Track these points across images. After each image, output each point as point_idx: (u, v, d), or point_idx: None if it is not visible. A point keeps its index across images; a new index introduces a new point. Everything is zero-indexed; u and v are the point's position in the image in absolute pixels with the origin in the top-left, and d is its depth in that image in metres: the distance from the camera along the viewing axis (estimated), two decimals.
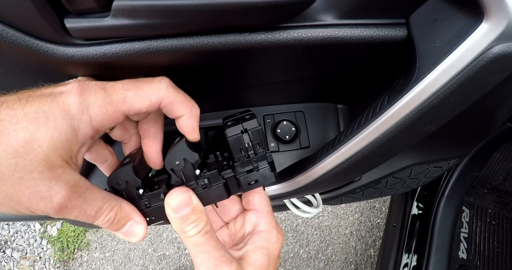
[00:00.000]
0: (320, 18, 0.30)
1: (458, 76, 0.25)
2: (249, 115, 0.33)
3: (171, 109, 0.29)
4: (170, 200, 0.29)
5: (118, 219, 0.28)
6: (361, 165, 0.37)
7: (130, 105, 0.26)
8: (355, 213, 1.63)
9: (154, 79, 0.28)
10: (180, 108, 0.29)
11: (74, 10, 0.25)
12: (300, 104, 0.52)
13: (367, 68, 0.39)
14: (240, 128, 0.31)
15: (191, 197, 0.30)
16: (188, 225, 0.29)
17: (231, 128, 0.31)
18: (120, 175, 0.30)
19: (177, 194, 0.29)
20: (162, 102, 0.28)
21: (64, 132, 0.23)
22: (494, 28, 0.23)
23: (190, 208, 0.29)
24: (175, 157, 0.30)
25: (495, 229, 1.03)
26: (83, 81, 0.26)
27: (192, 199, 0.30)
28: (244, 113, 0.34)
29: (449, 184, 1.01)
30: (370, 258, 1.55)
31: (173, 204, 0.29)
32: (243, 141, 0.31)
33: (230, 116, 0.34)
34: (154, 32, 0.27)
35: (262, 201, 0.36)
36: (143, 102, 0.27)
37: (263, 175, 0.32)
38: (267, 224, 0.35)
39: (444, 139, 0.53)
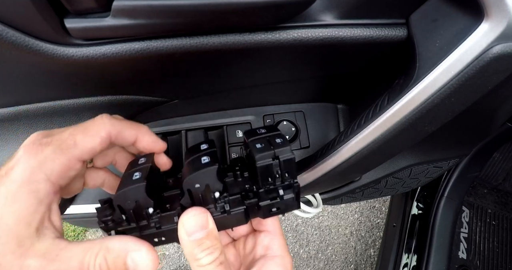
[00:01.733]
0: (320, 18, 0.30)
1: (458, 76, 0.25)
2: (281, 139, 0.30)
3: (122, 137, 0.29)
4: (185, 220, 0.27)
5: (112, 262, 0.25)
6: (361, 165, 0.37)
7: (83, 148, 0.26)
8: (355, 213, 1.63)
9: (96, 118, 0.28)
10: (130, 132, 0.30)
11: (74, 10, 0.25)
12: (300, 104, 0.52)
13: (367, 68, 0.39)
14: (272, 155, 0.28)
15: (208, 219, 0.27)
16: (201, 252, 0.26)
17: (262, 155, 0.28)
18: (130, 194, 0.27)
19: (193, 213, 0.27)
20: (112, 134, 0.28)
21: (25, 201, 0.23)
22: (494, 28, 0.23)
23: (205, 232, 0.27)
24: (197, 180, 0.28)
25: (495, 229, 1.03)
26: (28, 145, 0.25)
27: (209, 222, 0.27)
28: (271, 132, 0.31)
29: (449, 184, 1.01)
30: (370, 258, 1.55)
31: (188, 225, 0.26)
32: (273, 170, 0.28)
33: (254, 133, 0.31)
34: (154, 32, 0.27)
35: (275, 223, 0.34)
36: (94, 141, 0.27)
37: (286, 204, 0.30)
38: (281, 247, 0.32)
39: (444, 139, 0.53)
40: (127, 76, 0.34)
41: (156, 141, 0.31)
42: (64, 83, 0.34)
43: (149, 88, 0.38)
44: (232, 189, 0.30)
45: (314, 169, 0.40)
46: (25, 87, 0.34)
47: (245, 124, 0.51)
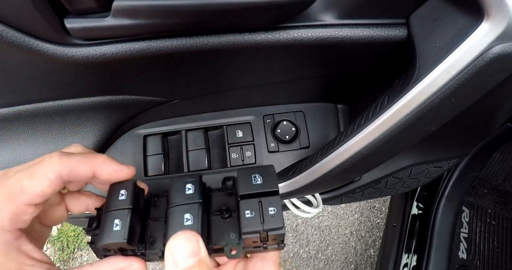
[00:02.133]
0: (320, 18, 0.30)
1: (458, 76, 0.25)
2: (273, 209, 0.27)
3: (76, 174, 0.26)
4: (172, 245, 0.24)
5: None
6: (361, 165, 0.37)
7: (30, 193, 0.24)
8: (355, 213, 1.63)
9: (44, 158, 0.26)
10: (83, 167, 0.27)
11: (74, 10, 0.25)
12: (300, 104, 0.52)
13: (367, 68, 0.39)
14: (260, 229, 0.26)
15: (199, 245, 0.24)
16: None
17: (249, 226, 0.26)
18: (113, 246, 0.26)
19: (182, 237, 0.24)
20: (63, 174, 0.26)
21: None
22: (494, 28, 0.23)
23: (197, 260, 0.23)
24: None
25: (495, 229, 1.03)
26: None
27: (201, 249, 0.24)
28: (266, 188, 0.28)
29: (449, 184, 1.01)
30: (370, 258, 1.55)
31: (176, 252, 0.23)
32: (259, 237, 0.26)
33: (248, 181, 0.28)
34: (154, 32, 0.27)
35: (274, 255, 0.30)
36: (42, 184, 0.25)
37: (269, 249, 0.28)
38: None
39: (444, 139, 0.53)
40: (127, 76, 0.34)
41: (118, 169, 0.28)
42: (64, 83, 0.34)
43: (149, 88, 0.38)
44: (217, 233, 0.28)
45: (314, 169, 0.40)
46: (25, 87, 0.34)
47: (245, 124, 0.51)
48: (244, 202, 0.27)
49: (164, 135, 0.49)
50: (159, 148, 0.48)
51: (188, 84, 0.39)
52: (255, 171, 0.29)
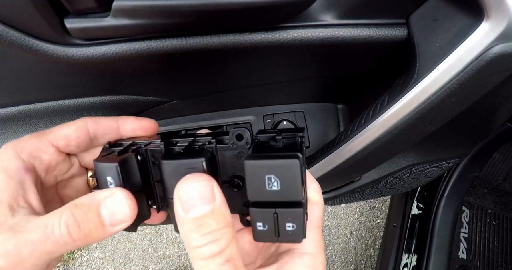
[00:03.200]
0: (320, 18, 0.30)
1: (458, 76, 0.25)
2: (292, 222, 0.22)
3: (101, 125, 0.29)
4: (181, 188, 0.20)
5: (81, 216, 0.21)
6: (361, 165, 0.37)
7: (56, 133, 0.27)
8: (355, 213, 1.63)
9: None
10: (109, 120, 0.29)
11: (74, 10, 0.25)
12: (300, 104, 0.52)
13: (367, 68, 0.39)
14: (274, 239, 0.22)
15: (214, 190, 0.20)
16: (201, 236, 0.19)
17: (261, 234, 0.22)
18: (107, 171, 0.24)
19: (193, 180, 0.20)
20: (89, 123, 0.28)
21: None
22: (494, 28, 0.23)
23: (209, 207, 0.19)
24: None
25: (495, 229, 1.03)
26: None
27: (216, 194, 0.20)
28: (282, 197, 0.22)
29: (449, 184, 1.01)
30: (370, 258, 1.55)
31: (185, 198, 0.19)
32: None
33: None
34: (154, 32, 0.27)
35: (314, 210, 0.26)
36: (69, 128, 0.27)
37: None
38: (314, 242, 0.25)
39: (444, 139, 0.53)
40: (127, 76, 0.34)
41: (139, 119, 0.30)
42: (64, 83, 0.34)
43: (149, 88, 0.38)
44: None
45: (314, 169, 0.40)
46: (25, 87, 0.34)
47: (245, 124, 0.51)
48: (256, 211, 0.22)
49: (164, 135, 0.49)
50: None
51: (188, 84, 0.39)
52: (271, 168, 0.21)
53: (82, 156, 0.31)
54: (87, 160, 0.31)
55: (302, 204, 0.21)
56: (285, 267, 0.23)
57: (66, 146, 0.28)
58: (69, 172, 0.30)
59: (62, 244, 0.21)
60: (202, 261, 0.19)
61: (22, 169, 0.25)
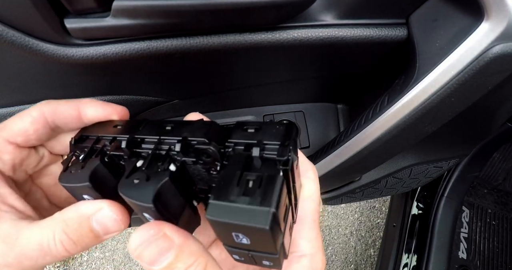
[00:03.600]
0: (320, 18, 0.30)
1: (458, 76, 0.25)
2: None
3: (60, 113, 0.25)
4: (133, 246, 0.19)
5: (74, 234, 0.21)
6: (361, 165, 0.37)
7: (11, 128, 0.24)
8: (355, 213, 1.63)
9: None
10: (68, 106, 0.25)
11: (74, 10, 0.25)
12: (300, 104, 0.52)
13: (367, 68, 0.39)
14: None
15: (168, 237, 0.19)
16: None
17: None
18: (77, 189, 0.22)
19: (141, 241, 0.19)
20: (46, 112, 0.25)
21: None
22: (494, 28, 0.23)
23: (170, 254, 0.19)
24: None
25: (495, 229, 1.03)
26: None
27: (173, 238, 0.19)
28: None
29: (449, 184, 1.01)
30: (370, 258, 1.55)
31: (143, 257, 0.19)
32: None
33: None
34: (154, 32, 0.27)
35: (308, 203, 0.24)
36: (23, 120, 0.25)
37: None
38: (311, 242, 0.23)
39: (444, 139, 0.53)
40: (127, 76, 0.34)
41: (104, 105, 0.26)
42: (64, 83, 0.34)
43: (149, 88, 0.38)
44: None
45: None
46: (25, 87, 0.34)
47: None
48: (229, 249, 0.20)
49: None
50: None
51: (188, 84, 0.39)
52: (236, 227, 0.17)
53: (50, 145, 0.28)
54: (58, 149, 0.28)
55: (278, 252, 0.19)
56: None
57: (26, 141, 0.25)
58: (41, 163, 0.28)
59: (60, 257, 0.22)
60: None
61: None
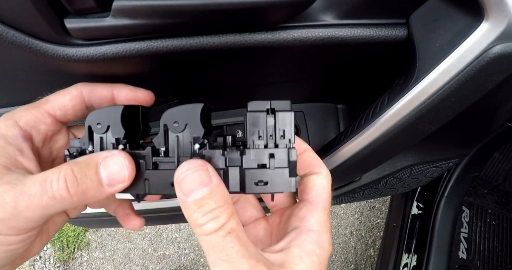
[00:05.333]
0: (320, 18, 0.30)
1: (458, 76, 0.25)
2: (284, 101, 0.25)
3: (96, 93, 0.28)
4: (179, 175, 0.22)
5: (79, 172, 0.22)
6: (361, 165, 0.37)
7: (53, 103, 0.27)
8: (355, 213, 1.63)
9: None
10: (104, 87, 0.28)
11: (74, 10, 0.25)
12: (300, 104, 0.52)
13: (367, 68, 0.39)
14: (267, 106, 0.24)
15: (209, 174, 0.22)
16: (202, 216, 0.21)
17: (256, 102, 0.24)
18: (104, 115, 0.24)
19: (188, 167, 0.22)
20: (84, 91, 0.28)
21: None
22: (494, 28, 0.23)
23: (207, 190, 0.22)
24: (178, 116, 0.24)
25: (495, 229, 1.03)
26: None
27: (212, 178, 0.22)
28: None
29: (449, 184, 1.01)
30: (370, 258, 1.55)
31: (183, 182, 0.22)
32: (265, 121, 0.24)
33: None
34: (154, 32, 0.27)
35: (322, 194, 0.28)
36: (64, 96, 0.27)
37: (277, 178, 0.24)
38: (319, 222, 0.26)
39: (444, 139, 0.53)
40: (127, 76, 0.34)
41: (134, 89, 0.29)
42: (64, 83, 0.34)
43: (149, 88, 0.38)
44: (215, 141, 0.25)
45: None
46: (25, 87, 0.34)
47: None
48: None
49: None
50: None
51: (188, 84, 0.39)
52: None
53: (77, 133, 0.31)
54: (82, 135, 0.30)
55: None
56: (293, 242, 0.25)
57: (64, 115, 0.28)
58: (66, 146, 0.30)
59: (59, 199, 0.22)
60: (206, 236, 0.22)
61: (20, 136, 0.25)
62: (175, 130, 0.24)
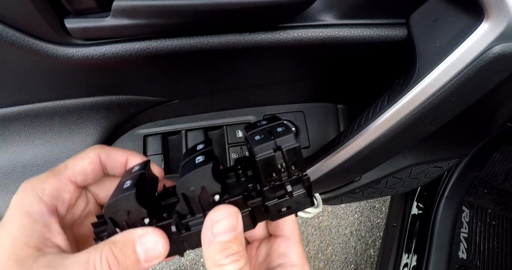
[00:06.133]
0: (320, 18, 0.30)
1: (458, 76, 0.25)
2: (282, 127, 0.26)
3: (113, 158, 0.29)
4: (214, 217, 0.24)
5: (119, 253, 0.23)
6: (361, 165, 0.37)
7: (73, 169, 0.27)
8: (355, 213, 1.63)
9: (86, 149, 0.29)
10: (120, 153, 0.29)
11: (74, 10, 0.25)
12: (300, 104, 0.52)
13: (367, 68, 0.39)
14: (273, 146, 0.25)
15: (238, 221, 0.24)
16: (226, 257, 0.23)
17: (261, 146, 0.25)
18: (120, 204, 0.25)
19: (226, 212, 0.24)
20: (101, 155, 0.28)
21: (18, 222, 0.23)
22: (494, 28, 0.23)
23: (233, 234, 0.24)
24: (192, 182, 0.25)
25: (495, 229, 1.03)
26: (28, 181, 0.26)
27: (239, 224, 0.24)
28: (272, 122, 0.27)
29: (449, 184, 1.01)
30: (370, 258, 1.55)
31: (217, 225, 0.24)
32: (276, 162, 0.25)
33: (254, 126, 0.28)
34: (154, 32, 0.27)
35: (293, 227, 0.31)
36: (83, 161, 0.27)
37: (297, 201, 0.26)
38: (299, 255, 0.30)
39: (444, 139, 0.53)
40: (127, 76, 0.34)
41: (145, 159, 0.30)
42: (64, 83, 0.34)
43: (149, 88, 0.38)
44: (233, 190, 0.27)
45: (314, 169, 0.40)
46: (25, 87, 0.34)
47: (245, 124, 0.51)
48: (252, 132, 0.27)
49: (164, 135, 0.49)
50: (159, 147, 0.48)
51: (188, 84, 0.39)
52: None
53: (96, 192, 0.30)
54: (102, 196, 0.30)
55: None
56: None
57: (84, 180, 0.28)
58: (86, 209, 0.30)
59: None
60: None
61: (46, 212, 0.24)
62: (193, 194, 0.25)
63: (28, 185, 0.25)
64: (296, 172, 0.26)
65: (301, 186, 0.26)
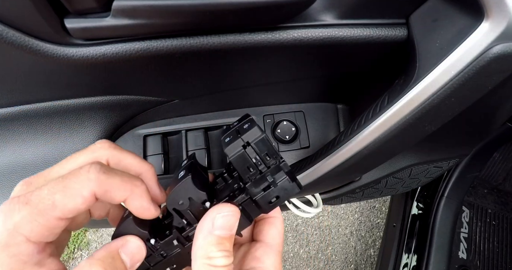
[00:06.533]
0: (320, 18, 0.30)
1: (458, 76, 0.25)
2: (248, 123, 0.28)
3: (110, 197, 0.25)
4: (220, 211, 0.25)
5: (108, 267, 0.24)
6: (361, 165, 0.37)
7: (62, 208, 0.23)
8: (355, 213, 1.63)
9: (81, 170, 0.24)
10: (119, 193, 0.25)
11: (74, 10, 0.25)
12: (300, 104, 0.52)
13: (367, 68, 0.39)
14: (241, 143, 0.26)
15: (236, 224, 0.26)
16: (218, 251, 0.24)
17: (229, 147, 0.26)
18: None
19: (230, 210, 0.25)
20: (97, 193, 0.24)
21: (7, 265, 0.22)
22: (494, 28, 0.23)
23: (230, 233, 0.25)
24: (178, 196, 0.26)
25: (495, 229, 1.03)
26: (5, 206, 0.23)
27: (235, 227, 0.26)
28: (241, 121, 0.29)
29: (449, 184, 1.01)
30: (370, 258, 1.55)
31: (218, 221, 0.25)
32: (248, 157, 0.26)
33: (227, 129, 0.29)
34: (154, 32, 0.27)
35: (277, 236, 0.30)
36: (75, 201, 0.23)
37: (283, 188, 0.27)
38: (274, 264, 0.29)
39: (444, 139, 0.53)
40: (127, 76, 0.34)
41: (146, 209, 0.26)
42: (64, 83, 0.34)
43: (149, 88, 0.38)
44: (221, 194, 0.28)
45: (314, 169, 0.40)
46: (25, 87, 0.34)
47: None
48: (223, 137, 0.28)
49: (164, 135, 0.49)
50: (159, 147, 0.48)
51: (188, 84, 0.39)
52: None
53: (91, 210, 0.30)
54: (97, 214, 0.30)
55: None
56: None
57: (77, 216, 0.26)
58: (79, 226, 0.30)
59: None
60: (213, 267, 0.24)
61: (36, 253, 0.23)
62: (184, 207, 0.27)
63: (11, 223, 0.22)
64: (273, 161, 0.27)
65: (283, 173, 0.27)
